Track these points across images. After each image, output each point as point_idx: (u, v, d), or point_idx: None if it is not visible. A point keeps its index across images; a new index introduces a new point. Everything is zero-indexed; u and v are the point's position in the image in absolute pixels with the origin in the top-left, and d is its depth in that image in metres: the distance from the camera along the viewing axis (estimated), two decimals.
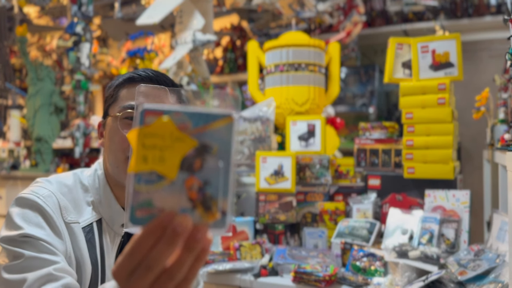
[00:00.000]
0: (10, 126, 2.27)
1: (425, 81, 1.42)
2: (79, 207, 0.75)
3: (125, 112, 0.76)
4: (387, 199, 1.46)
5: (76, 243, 0.70)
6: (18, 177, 2.09)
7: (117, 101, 0.78)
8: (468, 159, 2.27)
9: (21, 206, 0.69)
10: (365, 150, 1.56)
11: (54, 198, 0.71)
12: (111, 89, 0.80)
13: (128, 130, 0.76)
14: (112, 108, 0.79)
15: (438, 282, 1.09)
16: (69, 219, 0.71)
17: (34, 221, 0.67)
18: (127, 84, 0.79)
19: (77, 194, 0.77)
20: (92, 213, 0.76)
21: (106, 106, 0.81)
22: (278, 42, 1.80)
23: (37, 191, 0.71)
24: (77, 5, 1.93)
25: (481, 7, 2.34)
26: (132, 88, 0.78)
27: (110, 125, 0.78)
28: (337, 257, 1.33)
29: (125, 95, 0.78)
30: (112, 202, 0.78)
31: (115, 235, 0.78)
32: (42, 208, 0.68)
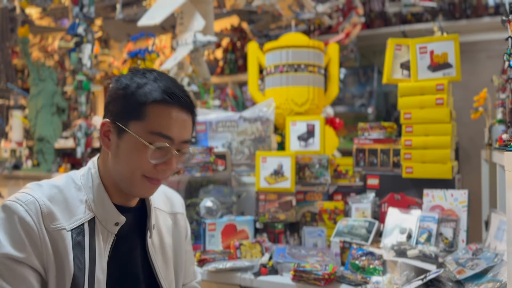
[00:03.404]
0: (12, 126, 2.28)
1: (423, 81, 1.44)
2: (70, 207, 0.75)
3: (154, 143, 0.74)
4: (386, 199, 1.47)
5: (58, 250, 0.70)
6: (20, 177, 2.10)
7: (145, 121, 0.74)
8: (466, 159, 2.28)
9: (5, 218, 0.69)
10: (364, 150, 1.57)
11: (37, 205, 0.71)
12: (135, 100, 0.74)
13: (156, 160, 0.75)
14: (135, 125, 0.74)
15: (436, 281, 1.10)
16: (52, 226, 0.71)
17: (15, 236, 0.68)
18: (157, 104, 0.74)
19: (69, 193, 0.76)
20: (85, 212, 0.76)
21: (125, 115, 0.75)
22: (278, 43, 1.82)
23: (20, 198, 0.71)
24: (79, 7, 1.94)
25: (479, 8, 2.35)
26: (162, 110, 0.74)
27: (133, 145, 0.74)
28: (336, 256, 1.34)
29: (155, 119, 0.74)
30: (106, 201, 0.77)
31: (108, 234, 0.78)
32: (22, 219, 0.69)
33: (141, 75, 0.77)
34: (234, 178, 1.69)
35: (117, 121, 0.76)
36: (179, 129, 0.77)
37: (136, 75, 0.78)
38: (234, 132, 1.69)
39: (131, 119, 0.75)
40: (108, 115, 0.78)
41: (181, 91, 0.78)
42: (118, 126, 0.76)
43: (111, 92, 0.79)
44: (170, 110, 0.75)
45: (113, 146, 0.77)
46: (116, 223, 0.78)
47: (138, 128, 0.74)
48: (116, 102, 0.77)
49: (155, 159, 0.75)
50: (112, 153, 0.78)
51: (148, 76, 0.77)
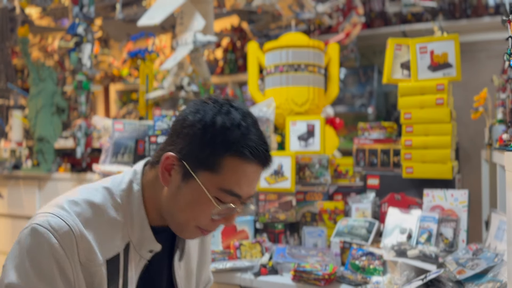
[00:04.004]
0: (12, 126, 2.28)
1: (423, 81, 1.43)
2: (107, 233, 0.68)
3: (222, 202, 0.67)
4: (386, 199, 1.47)
5: (92, 283, 0.65)
6: (20, 176, 2.10)
7: (218, 175, 0.66)
8: (466, 159, 2.28)
9: (34, 245, 0.62)
10: (364, 150, 1.57)
11: (72, 237, 0.63)
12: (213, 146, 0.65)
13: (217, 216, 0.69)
14: (206, 175, 0.66)
15: (436, 281, 1.10)
16: (87, 261, 0.64)
17: (46, 272, 0.61)
18: (236, 159, 0.66)
19: (107, 214, 0.69)
20: (122, 238, 0.69)
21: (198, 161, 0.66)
22: (277, 43, 1.82)
23: (54, 225, 0.62)
24: (79, 6, 1.94)
25: (480, 8, 2.35)
26: (240, 165, 0.66)
27: (196, 191, 0.67)
28: (336, 256, 1.34)
29: (231, 176, 0.66)
30: (145, 227, 0.70)
31: (140, 259, 0.72)
32: (55, 251, 0.61)
33: (225, 115, 0.67)
34: None
35: (186, 162, 0.67)
36: (251, 186, 0.70)
37: (220, 113, 0.67)
38: None
39: (202, 168, 0.66)
40: (176, 150, 0.68)
41: (265, 145, 0.69)
42: (185, 168, 0.67)
43: (185, 122, 0.68)
44: (248, 166, 0.67)
45: (173, 185, 0.69)
46: (151, 250, 0.72)
47: (208, 181, 0.66)
48: (190, 139, 0.67)
49: (217, 215, 0.69)
50: (169, 191, 0.70)
51: (233, 117, 0.67)
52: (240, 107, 0.70)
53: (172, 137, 0.71)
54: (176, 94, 2.06)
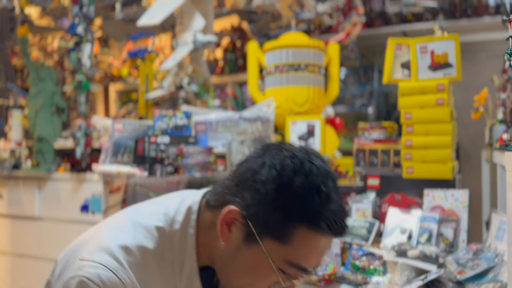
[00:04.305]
0: (11, 126, 2.28)
1: (424, 81, 1.43)
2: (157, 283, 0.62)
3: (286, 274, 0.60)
4: (386, 199, 1.46)
5: None
6: (20, 176, 2.10)
7: (286, 246, 0.58)
8: (466, 159, 2.28)
9: None
10: (364, 150, 1.57)
11: None
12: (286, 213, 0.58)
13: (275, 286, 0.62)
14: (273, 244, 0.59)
15: (437, 281, 1.10)
16: None
17: None
18: (311, 231, 0.58)
19: (160, 261, 0.62)
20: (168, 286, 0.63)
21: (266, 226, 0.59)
22: (278, 42, 1.81)
23: (104, 279, 0.55)
24: (78, 6, 1.94)
25: (480, 8, 2.35)
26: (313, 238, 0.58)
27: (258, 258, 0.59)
28: (336, 256, 1.34)
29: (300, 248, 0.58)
30: (195, 278, 0.63)
31: None
32: None
33: (304, 176, 0.58)
34: None
35: (251, 222, 0.59)
36: (319, 259, 0.62)
37: (299, 173, 0.58)
38: (234, 132, 1.69)
39: (269, 234, 0.59)
40: (241, 204, 0.60)
41: (344, 214, 0.61)
42: (249, 229, 0.59)
43: (257, 176, 0.60)
44: (322, 239, 0.60)
45: (232, 242, 0.62)
46: None
47: (274, 250, 0.59)
48: (260, 198, 0.59)
49: (275, 285, 0.62)
50: (226, 248, 0.62)
51: (313, 180, 0.58)
52: (321, 165, 0.61)
53: (237, 186, 0.62)
54: (176, 94, 2.06)
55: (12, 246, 2.10)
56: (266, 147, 0.65)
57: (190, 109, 1.77)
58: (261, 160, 0.62)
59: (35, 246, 1.97)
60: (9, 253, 2.11)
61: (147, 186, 1.59)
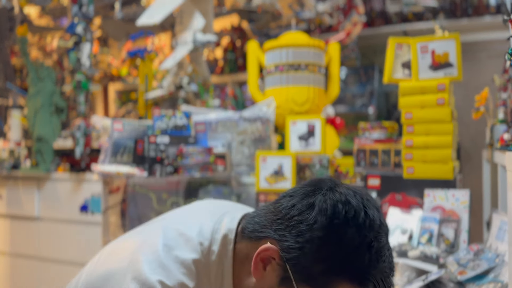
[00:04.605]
0: (10, 126, 2.28)
1: (424, 81, 1.43)
2: None
3: None
4: (387, 199, 1.46)
5: None
6: (19, 177, 2.10)
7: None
8: (467, 159, 2.28)
9: None
10: (365, 150, 1.56)
11: None
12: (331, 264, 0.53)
13: None
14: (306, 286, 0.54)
15: (437, 282, 1.10)
16: None
17: None
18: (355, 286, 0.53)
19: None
20: None
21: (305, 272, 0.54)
22: (278, 42, 1.81)
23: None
24: (78, 6, 1.93)
25: (481, 7, 2.35)
26: None
27: None
28: None
29: None
30: None
31: None
32: None
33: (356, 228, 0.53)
34: (234, 178, 1.68)
35: (289, 266, 0.55)
36: None
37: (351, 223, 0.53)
38: (234, 132, 1.68)
39: (307, 284, 0.54)
40: (281, 244, 0.56)
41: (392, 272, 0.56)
42: (287, 274, 0.55)
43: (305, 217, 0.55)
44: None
45: (264, 282, 0.57)
46: None
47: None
48: (304, 243, 0.54)
49: None
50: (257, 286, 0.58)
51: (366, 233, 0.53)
52: (375, 217, 0.55)
53: (279, 222, 0.57)
54: (175, 94, 2.06)
55: (12, 246, 2.10)
56: (318, 185, 0.59)
57: (190, 109, 1.77)
58: (311, 200, 0.56)
59: (35, 246, 1.97)
60: (9, 253, 2.11)
61: (147, 186, 1.58)
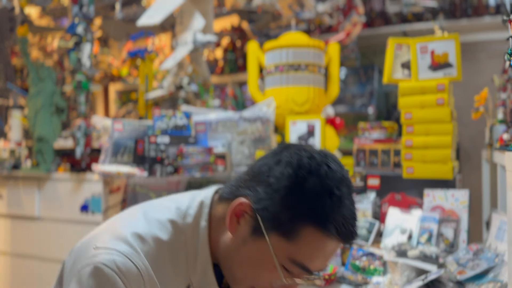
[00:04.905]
0: (11, 126, 2.28)
1: (424, 81, 1.43)
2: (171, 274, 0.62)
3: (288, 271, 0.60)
4: (386, 199, 1.46)
5: None
6: (19, 177, 2.10)
7: (292, 243, 0.58)
8: (467, 159, 2.28)
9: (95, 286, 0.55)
10: (364, 150, 1.56)
11: (141, 281, 0.56)
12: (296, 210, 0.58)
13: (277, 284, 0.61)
14: (279, 240, 0.59)
15: (437, 282, 1.10)
16: None
17: None
18: (319, 232, 0.58)
19: (173, 252, 0.62)
20: (183, 279, 0.63)
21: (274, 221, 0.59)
22: (278, 42, 1.81)
23: (120, 265, 0.55)
24: (78, 6, 1.94)
25: (480, 8, 2.35)
26: (320, 240, 0.58)
27: (263, 254, 0.59)
28: (336, 256, 1.34)
29: (306, 247, 0.58)
30: (208, 270, 0.63)
31: None
32: None
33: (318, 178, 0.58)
34: None
35: (260, 216, 0.60)
36: (324, 262, 0.62)
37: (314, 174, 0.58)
38: (234, 132, 1.69)
39: (277, 230, 0.59)
40: (252, 198, 0.61)
41: (354, 221, 0.61)
42: (257, 223, 0.60)
43: (272, 172, 0.60)
44: (329, 242, 0.59)
45: (238, 235, 0.62)
46: None
47: (280, 246, 0.59)
48: (272, 194, 0.60)
49: (277, 281, 0.61)
50: (233, 240, 0.63)
51: (328, 182, 0.58)
52: (337, 169, 0.61)
53: (252, 180, 0.63)
54: (175, 94, 2.06)
55: (12, 246, 2.10)
56: (286, 146, 0.65)
57: (190, 109, 1.77)
58: (278, 157, 0.62)
59: (35, 246, 1.97)
60: (9, 253, 2.11)
61: (147, 186, 1.59)
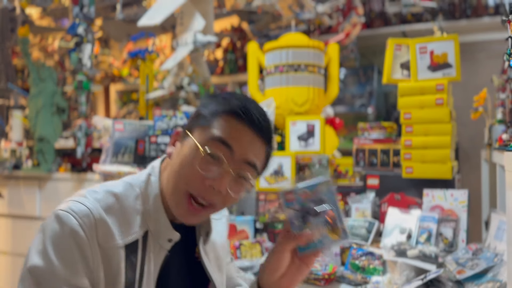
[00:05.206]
0: (12, 126, 2.29)
1: (423, 81, 1.44)
2: (127, 220, 0.69)
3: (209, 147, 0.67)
4: (386, 199, 1.47)
5: (110, 267, 0.66)
6: (20, 176, 2.10)
7: (208, 128, 0.69)
8: (466, 159, 2.28)
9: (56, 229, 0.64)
10: (364, 150, 1.57)
11: (91, 218, 0.65)
12: (207, 110, 0.71)
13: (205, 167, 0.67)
14: (198, 131, 0.70)
15: (436, 281, 1.10)
16: (104, 244, 0.65)
17: (67, 253, 0.63)
18: (227, 116, 0.69)
19: (127, 202, 0.71)
20: (141, 225, 0.70)
21: (193, 123, 0.72)
22: (277, 43, 1.82)
23: (74, 209, 0.65)
24: (79, 6, 1.95)
25: (479, 8, 2.36)
26: (229, 121, 0.69)
27: (188, 150, 0.69)
28: (336, 256, 1.34)
29: (219, 126, 0.68)
30: (161, 215, 0.71)
31: (160, 249, 0.72)
32: (75, 232, 0.63)
33: (228, 94, 0.74)
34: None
35: (186, 128, 0.72)
36: (243, 144, 0.68)
37: (222, 95, 0.74)
38: None
39: (198, 125, 0.71)
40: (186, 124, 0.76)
41: (260, 114, 0.71)
42: (185, 133, 0.72)
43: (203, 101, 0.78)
44: (241, 126, 0.68)
45: (174, 153, 0.72)
46: (170, 239, 0.72)
47: (200, 134, 0.69)
48: (194, 114, 0.74)
49: (205, 170, 0.67)
50: (171, 163, 0.72)
51: (234, 95, 0.73)
52: (245, 96, 0.75)
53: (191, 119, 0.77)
54: (176, 94, 2.07)
55: (13, 246, 2.11)
56: None
57: (190, 109, 1.78)
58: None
59: None
60: (10, 253, 2.11)
61: None
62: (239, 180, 0.70)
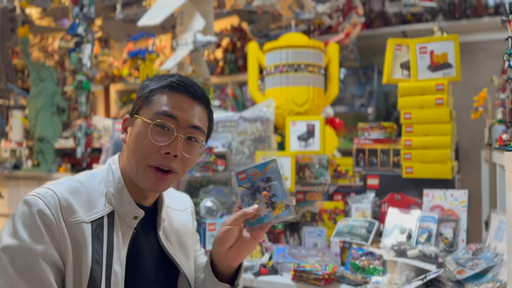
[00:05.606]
0: (12, 126, 2.29)
1: (423, 81, 1.44)
2: (90, 200, 0.76)
3: (156, 120, 0.75)
4: (386, 199, 1.47)
5: (76, 243, 0.71)
6: (20, 177, 2.10)
7: (151, 105, 0.78)
8: (466, 159, 2.28)
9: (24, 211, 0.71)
10: (364, 150, 1.57)
11: (56, 198, 0.71)
12: (146, 91, 0.79)
13: (157, 138, 0.75)
14: (144, 110, 0.78)
15: (436, 281, 1.10)
16: (70, 219, 0.71)
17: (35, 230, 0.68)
18: (164, 91, 0.78)
19: (90, 186, 0.78)
20: (105, 205, 0.77)
21: (138, 106, 0.80)
22: (277, 43, 1.82)
23: (40, 192, 0.72)
24: (79, 7, 1.94)
25: (479, 8, 2.36)
26: (168, 95, 0.78)
27: (139, 128, 0.77)
28: (336, 256, 1.34)
29: (160, 101, 0.77)
30: (125, 195, 0.78)
31: (127, 228, 0.78)
32: (41, 211, 0.69)
33: (159, 75, 0.82)
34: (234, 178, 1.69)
35: (133, 113, 0.80)
36: (184, 111, 0.77)
37: (156, 76, 0.82)
38: (234, 132, 1.69)
39: (142, 107, 0.79)
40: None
41: (193, 83, 0.80)
42: (132, 116, 0.80)
43: None
44: (176, 94, 0.78)
45: (128, 137, 0.80)
46: (135, 216, 0.79)
47: (146, 112, 0.78)
48: (135, 99, 0.83)
49: (158, 140, 0.75)
50: (127, 145, 0.80)
51: (166, 74, 0.82)
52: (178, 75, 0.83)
53: None
54: None
55: None
56: None
57: None
58: None
59: None
60: None
61: None
62: (190, 142, 0.79)
